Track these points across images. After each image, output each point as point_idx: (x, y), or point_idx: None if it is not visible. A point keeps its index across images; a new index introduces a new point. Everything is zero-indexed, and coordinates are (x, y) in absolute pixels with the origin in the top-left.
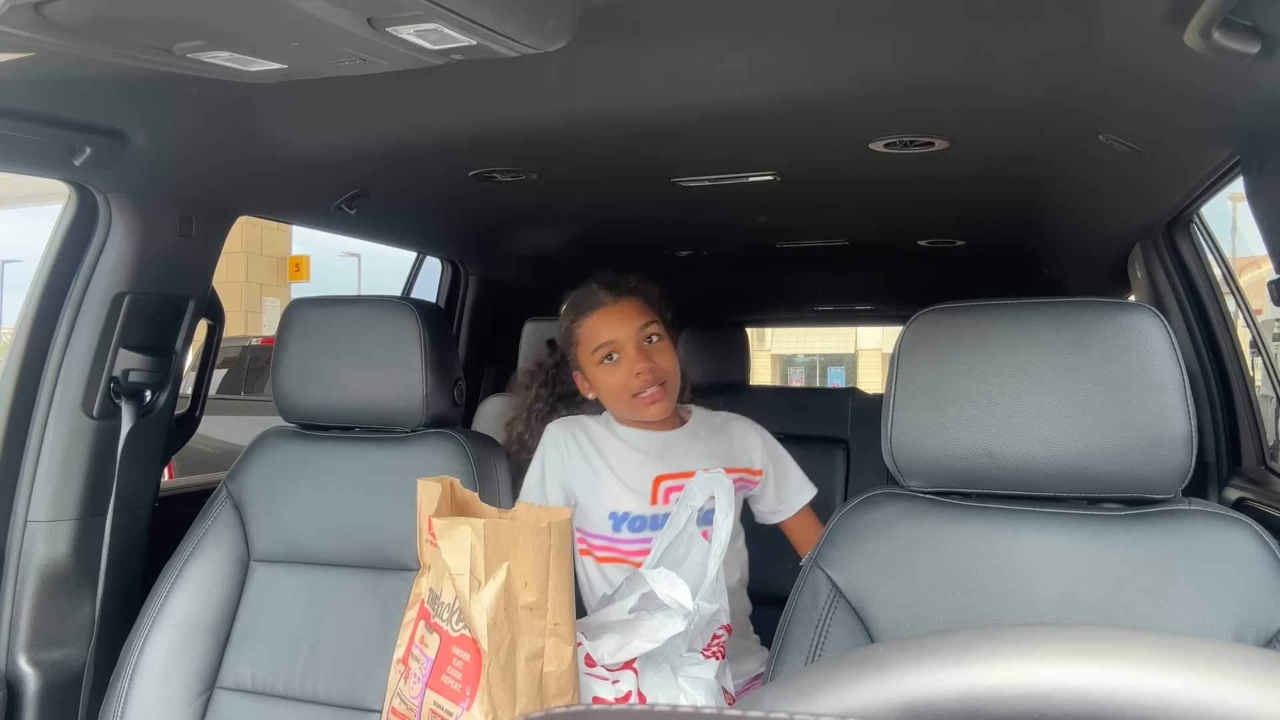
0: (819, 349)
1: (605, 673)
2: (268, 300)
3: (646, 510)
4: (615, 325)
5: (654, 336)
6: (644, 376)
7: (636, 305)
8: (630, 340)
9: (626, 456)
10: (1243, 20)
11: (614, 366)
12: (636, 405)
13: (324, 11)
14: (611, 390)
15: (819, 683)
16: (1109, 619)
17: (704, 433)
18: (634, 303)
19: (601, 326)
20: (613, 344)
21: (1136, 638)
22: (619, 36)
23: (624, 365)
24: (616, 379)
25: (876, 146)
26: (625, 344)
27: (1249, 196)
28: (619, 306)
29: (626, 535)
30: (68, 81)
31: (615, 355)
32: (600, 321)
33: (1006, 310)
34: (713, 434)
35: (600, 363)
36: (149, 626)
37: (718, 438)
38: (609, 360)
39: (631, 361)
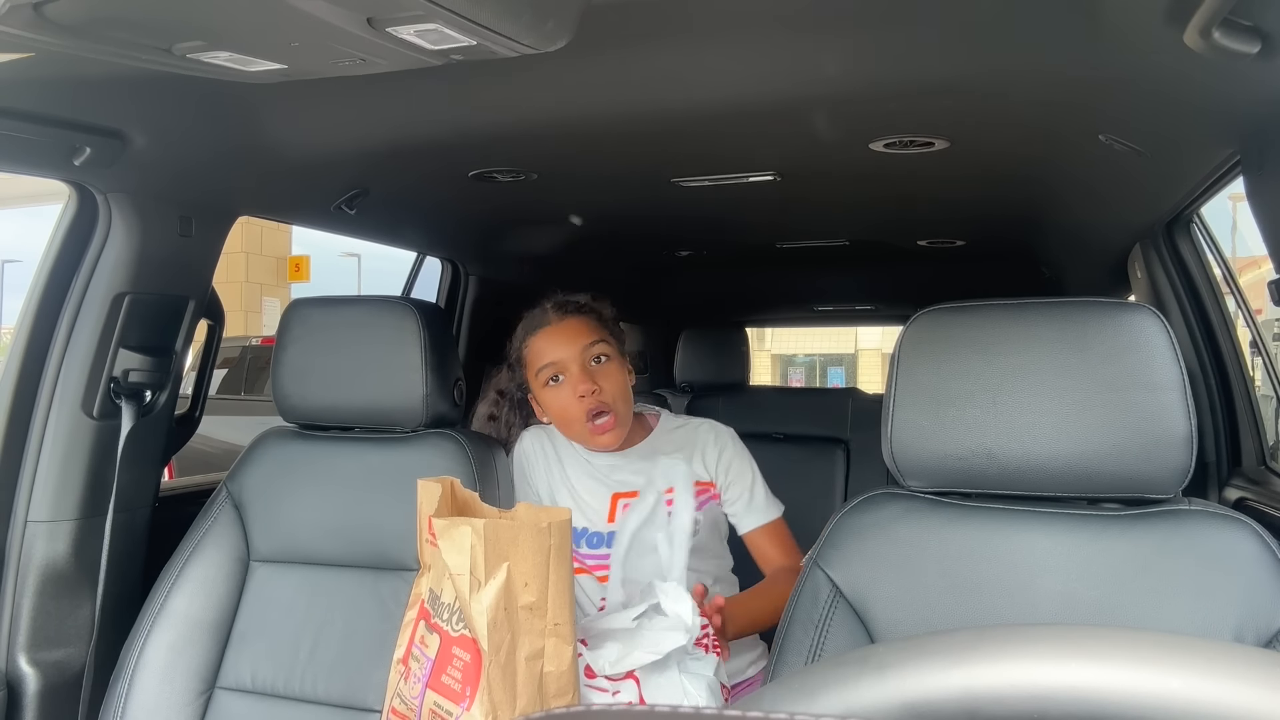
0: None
1: (606, 684)
2: (268, 300)
3: (604, 527)
4: (558, 345)
5: (601, 357)
6: (587, 400)
7: (583, 324)
8: (574, 360)
9: (586, 473)
10: (1243, 20)
11: (559, 388)
12: (586, 434)
13: (324, 11)
14: (558, 413)
15: (819, 683)
16: (1109, 619)
17: (665, 447)
18: (580, 321)
19: (545, 346)
20: (556, 364)
21: (1137, 638)
22: (619, 36)
23: (568, 386)
24: (561, 401)
25: (876, 146)
26: (569, 364)
27: (1249, 196)
28: (563, 325)
29: (585, 550)
30: (68, 81)
31: (560, 376)
32: (544, 341)
33: (1006, 310)
34: (674, 447)
35: (545, 384)
36: (149, 626)
37: (678, 451)
38: (554, 382)
39: (575, 383)
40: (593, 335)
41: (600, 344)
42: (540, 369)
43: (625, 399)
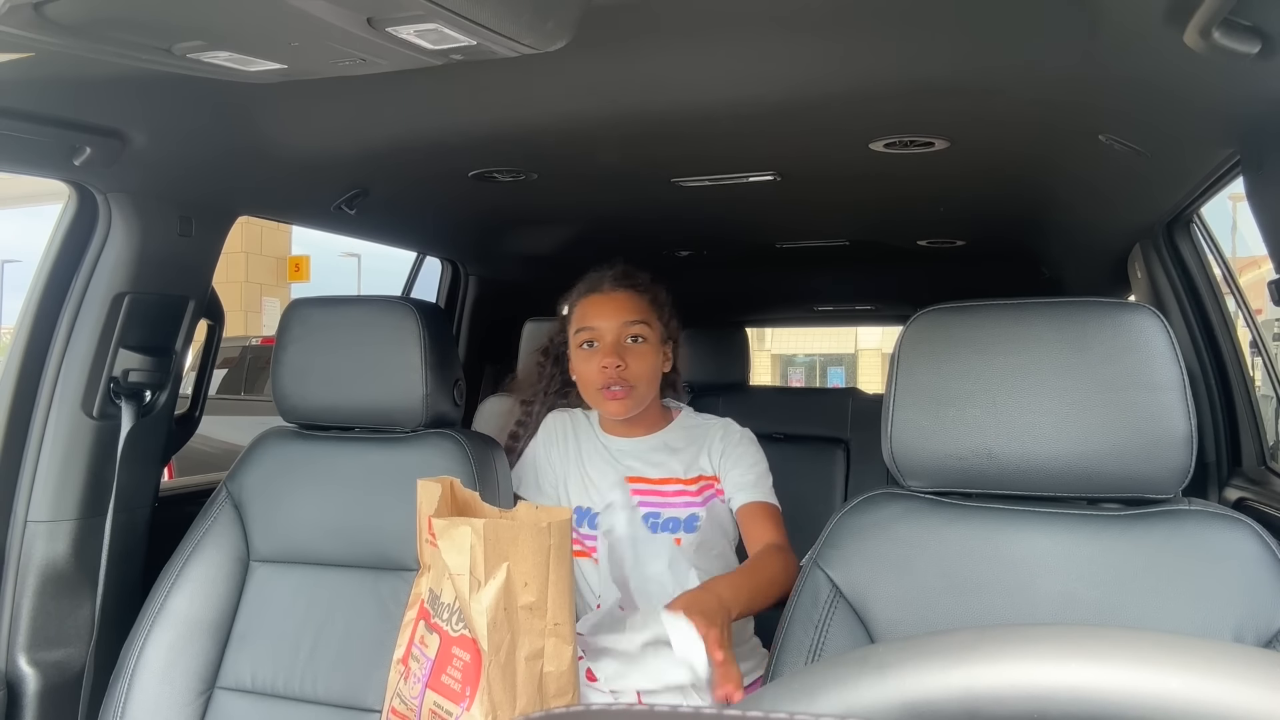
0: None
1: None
2: (268, 300)
3: None
4: (601, 314)
5: (639, 338)
6: (609, 372)
7: (631, 301)
8: (611, 332)
9: (601, 456)
10: (1243, 20)
11: (589, 354)
12: (600, 400)
13: (324, 11)
14: (580, 375)
15: (819, 683)
16: (1109, 619)
17: (679, 441)
18: (630, 297)
19: (589, 312)
20: (593, 331)
21: (1136, 638)
22: (619, 36)
23: (597, 356)
24: (587, 367)
25: (876, 146)
26: (604, 335)
27: (1249, 196)
28: (613, 297)
29: (588, 530)
30: (68, 81)
31: (595, 344)
32: (590, 306)
33: (1006, 310)
34: (688, 442)
35: (579, 346)
36: (149, 626)
37: (691, 447)
38: (587, 346)
39: (603, 354)
40: (635, 315)
41: (640, 325)
42: (578, 330)
43: (648, 382)
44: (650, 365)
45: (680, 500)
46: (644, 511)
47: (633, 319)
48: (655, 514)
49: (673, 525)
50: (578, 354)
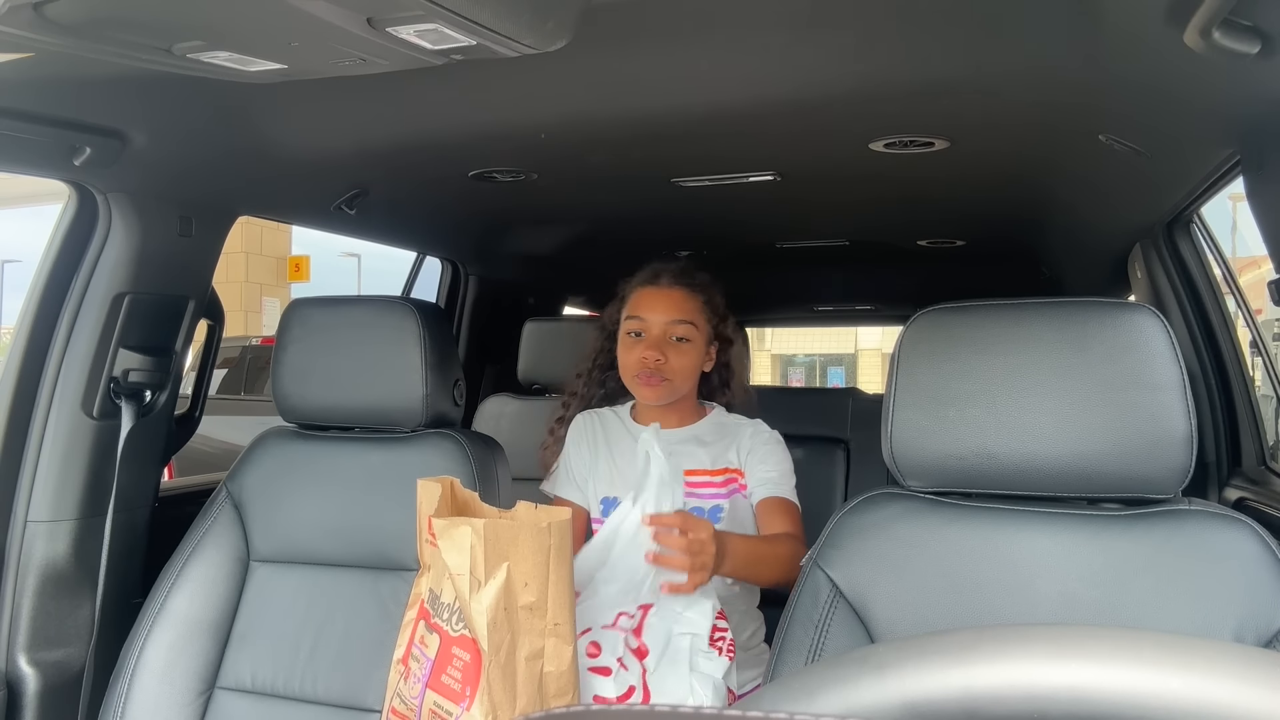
0: (819, 349)
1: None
2: (268, 300)
3: None
4: (652, 307)
5: (683, 339)
6: (647, 363)
7: (683, 299)
8: (657, 327)
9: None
10: (1243, 20)
11: (634, 343)
12: (634, 384)
13: (324, 11)
14: (623, 364)
15: (819, 683)
16: (1109, 619)
17: (709, 435)
18: (683, 295)
19: (641, 302)
20: (642, 322)
21: (1136, 638)
22: (619, 37)
23: (640, 346)
24: (630, 355)
25: (876, 146)
26: (651, 328)
27: (1249, 196)
28: (666, 293)
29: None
30: (68, 81)
31: (641, 334)
32: (643, 297)
33: (1006, 310)
34: (717, 437)
35: (626, 334)
36: (149, 626)
37: (720, 441)
38: (633, 335)
39: (646, 346)
40: (684, 314)
41: (687, 325)
42: (629, 317)
43: (685, 379)
44: (689, 364)
45: (705, 491)
46: None
47: (680, 318)
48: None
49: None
50: (624, 340)
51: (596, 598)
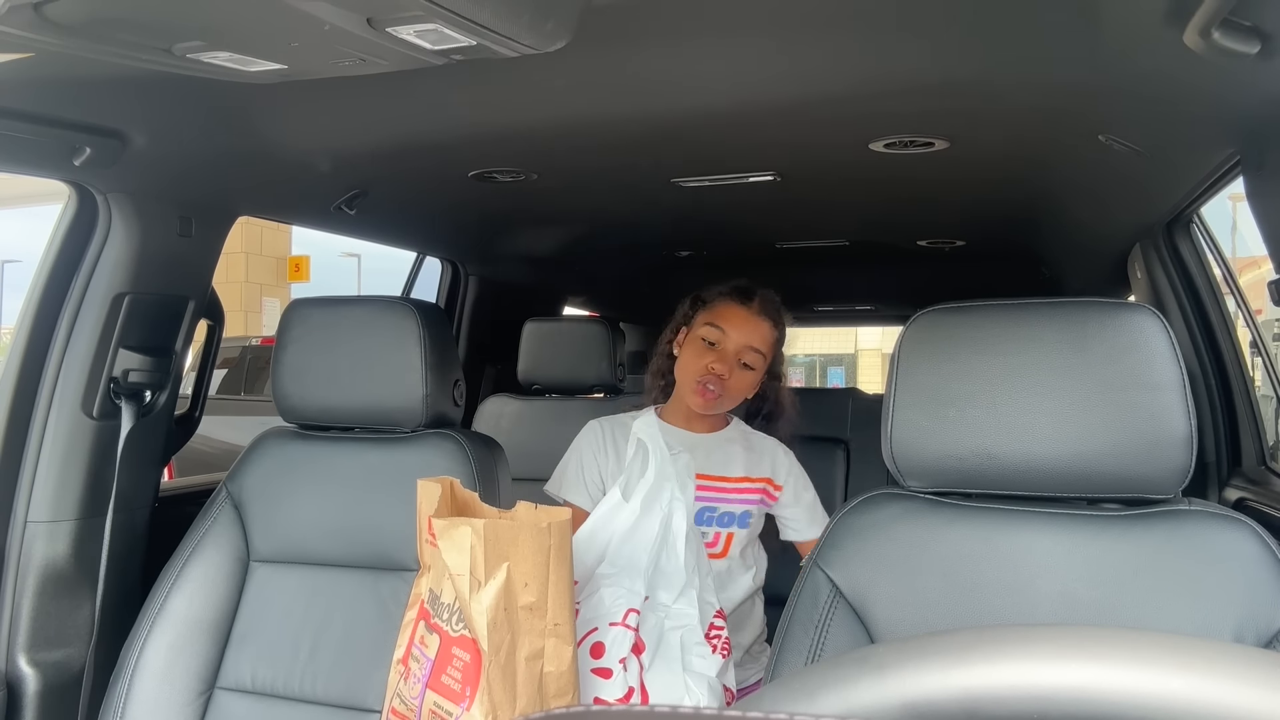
0: (819, 349)
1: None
2: (268, 300)
3: None
4: (737, 326)
5: (749, 365)
6: (710, 375)
7: (767, 331)
8: (733, 346)
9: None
10: (1243, 20)
11: (703, 350)
12: (690, 387)
13: (324, 12)
14: (685, 365)
15: (819, 683)
16: (1109, 619)
17: (736, 440)
18: (768, 328)
19: (727, 316)
20: (721, 334)
21: (1137, 638)
22: (619, 37)
23: (709, 355)
24: (696, 358)
25: (876, 146)
26: (727, 345)
27: (1249, 196)
28: (756, 320)
29: None
30: (68, 81)
31: (714, 344)
32: (731, 312)
33: (1006, 310)
34: (746, 446)
35: (700, 339)
36: (149, 626)
37: (749, 449)
38: (705, 343)
39: (717, 358)
40: (762, 346)
41: (758, 355)
42: (709, 325)
43: (735, 399)
44: (745, 388)
45: (738, 497)
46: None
47: (756, 347)
48: (712, 508)
49: (727, 520)
50: (694, 343)
51: (597, 595)
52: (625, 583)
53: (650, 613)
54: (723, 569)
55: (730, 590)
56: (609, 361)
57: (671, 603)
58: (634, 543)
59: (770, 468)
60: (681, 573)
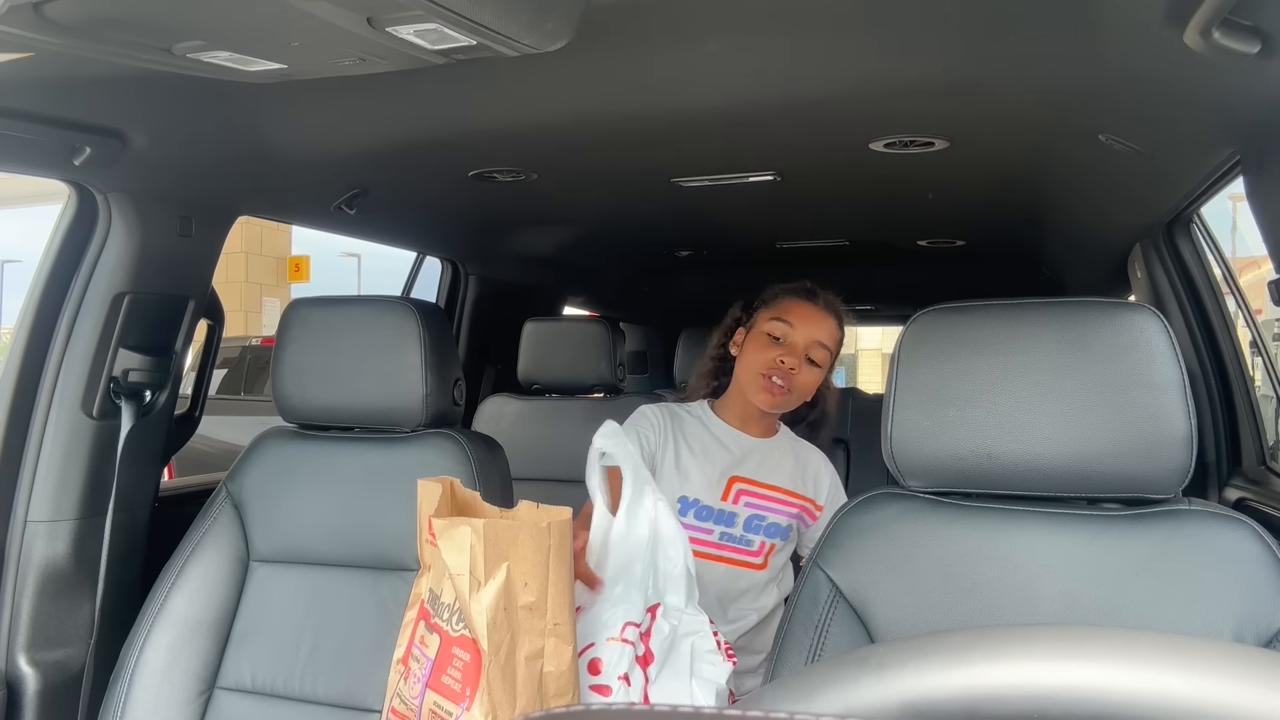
0: None
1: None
2: (268, 300)
3: (715, 503)
4: (806, 320)
5: (816, 361)
6: (780, 369)
7: (832, 330)
8: (801, 339)
9: (711, 449)
10: (1243, 20)
11: (769, 346)
12: (756, 384)
13: (324, 11)
14: (751, 361)
15: (819, 682)
16: (1109, 619)
17: (786, 450)
18: (834, 325)
19: (796, 310)
20: (789, 328)
21: (1137, 638)
22: (619, 37)
23: (778, 350)
24: (764, 354)
25: (876, 146)
26: (795, 338)
27: (1249, 196)
28: (823, 315)
29: (691, 521)
30: (68, 81)
31: (781, 339)
32: (799, 307)
33: (1006, 310)
34: (794, 458)
35: (765, 334)
36: (149, 626)
37: (796, 462)
38: (771, 339)
39: (785, 351)
40: (829, 340)
41: (825, 352)
42: (775, 320)
43: (800, 396)
44: (811, 385)
45: (784, 510)
46: (750, 513)
47: (824, 341)
48: (760, 517)
49: (773, 531)
50: (759, 339)
51: (593, 610)
52: (621, 595)
53: (664, 620)
54: (760, 580)
55: (762, 600)
56: (609, 361)
57: (684, 606)
58: (625, 554)
59: (814, 487)
60: (685, 573)
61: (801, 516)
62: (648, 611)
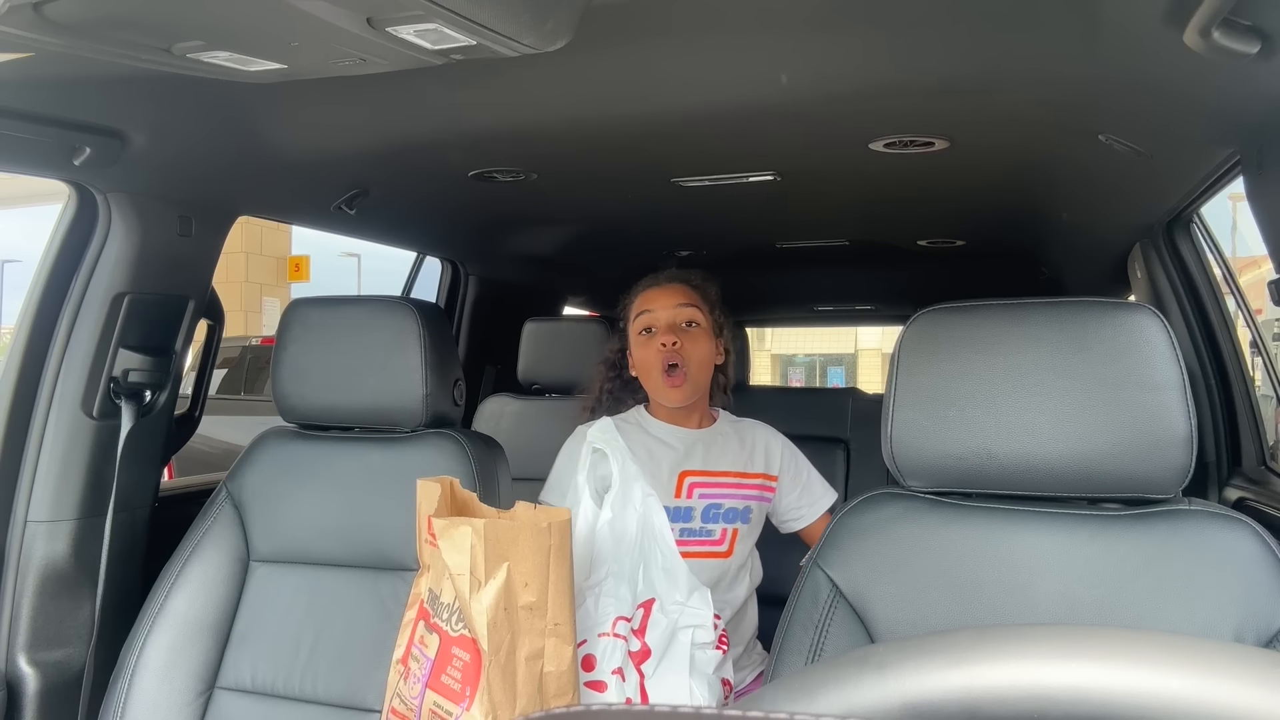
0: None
1: (606, 677)
2: (268, 300)
3: (670, 501)
4: (656, 300)
5: (692, 323)
6: (666, 352)
7: (681, 290)
8: (666, 313)
9: (655, 450)
10: (1243, 20)
11: (648, 339)
12: (659, 386)
13: (324, 11)
14: (643, 363)
15: (819, 683)
16: (1109, 619)
17: (729, 434)
18: (680, 287)
19: (646, 299)
20: (651, 315)
21: (1137, 638)
22: (619, 37)
23: (655, 339)
24: (647, 351)
25: (876, 146)
26: (660, 318)
27: (1249, 196)
28: (666, 287)
29: None
30: (68, 81)
31: (652, 329)
32: (646, 296)
33: (1006, 310)
34: (739, 440)
35: (639, 334)
36: (149, 626)
37: (742, 442)
38: (645, 333)
39: (660, 334)
40: (686, 300)
41: (692, 308)
42: (637, 316)
43: (702, 368)
44: (704, 350)
45: (739, 493)
46: (705, 504)
47: (685, 302)
48: (717, 505)
49: (731, 516)
50: (638, 342)
51: (584, 607)
52: (611, 591)
53: (661, 615)
54: (731, 568)
55: (735, 590)
56: None
57: (685, 600)
58: (614, 549)
59: (764, 460)
60: (681, 566)
61: (760, 495)
62: (640, 606)
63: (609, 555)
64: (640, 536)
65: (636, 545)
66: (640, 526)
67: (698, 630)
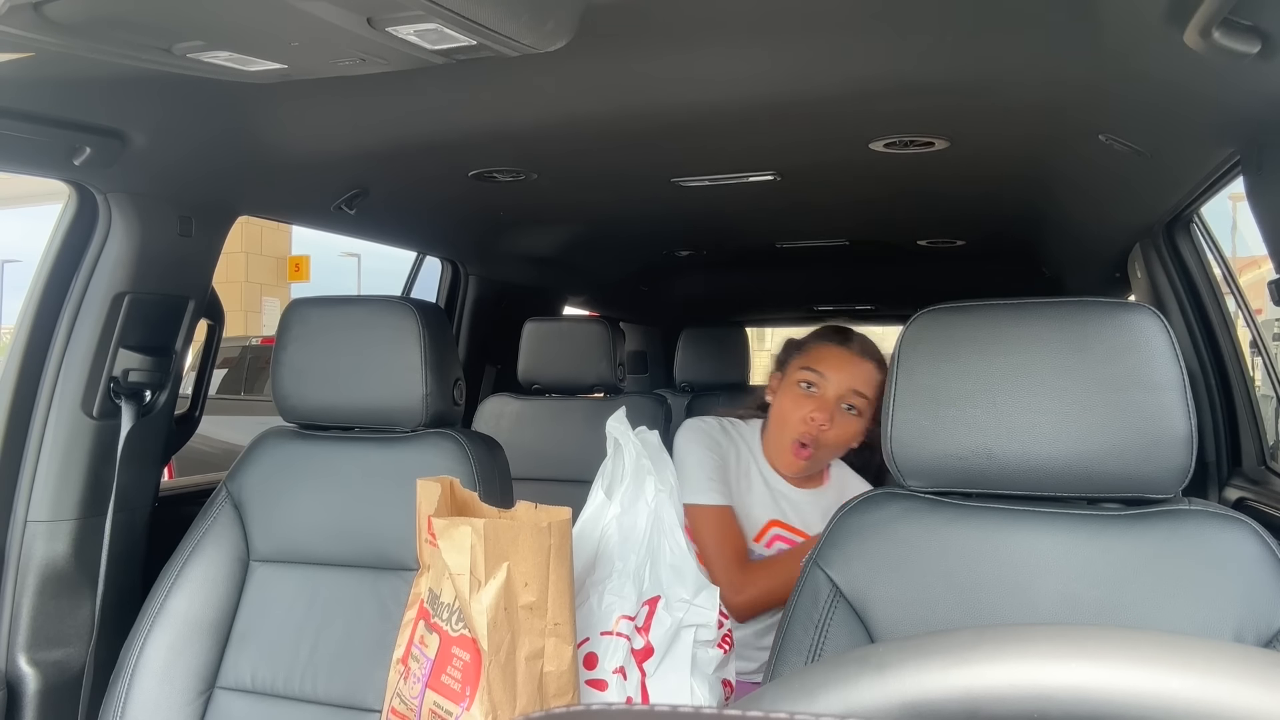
0: None
1: (607, 676)
2: (268, 300)
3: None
4: (838, 368)
5: (854, 408)
6: (809, 426)
7: (868, 374)
8: (834, 388)
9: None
10: (1243, 20)
11: (803, 396)
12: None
13: (324, 11)
14: (780, 412)
15: (819, 682)
16: (1109, 619)
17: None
18: (870, 370)
19: (828, 358)
20: (821, 377)
21: (1137, 638)
22: (619, 37)
23: (810, 402)
24: (794, 407)
25: (876, 146)
26: (827, 388)
27: (1249, 196)
28: (857, 362)
29: None
30: (68, 81)
31: (814, 388)
32: (831, 355)
33: (1006, 310)
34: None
35: (797, 384)
36: (149, 626)
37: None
38: (803, 387)
39: (817, 405)
40: (865, 388)
41: (862, 399)
42: (806, 368)
43: (834, 451)
44: (848, 437)
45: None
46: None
47: (860, 389)
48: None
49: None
50: (791, 389)
51: (587, 604)
52: (615, 588)
53: (666, 613)
54: None
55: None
56: (609, 361)
57: (692, 598)
58: (621, 545)
59: None
60: (691, 563)
61: None
62: (645, 604)
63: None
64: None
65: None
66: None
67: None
